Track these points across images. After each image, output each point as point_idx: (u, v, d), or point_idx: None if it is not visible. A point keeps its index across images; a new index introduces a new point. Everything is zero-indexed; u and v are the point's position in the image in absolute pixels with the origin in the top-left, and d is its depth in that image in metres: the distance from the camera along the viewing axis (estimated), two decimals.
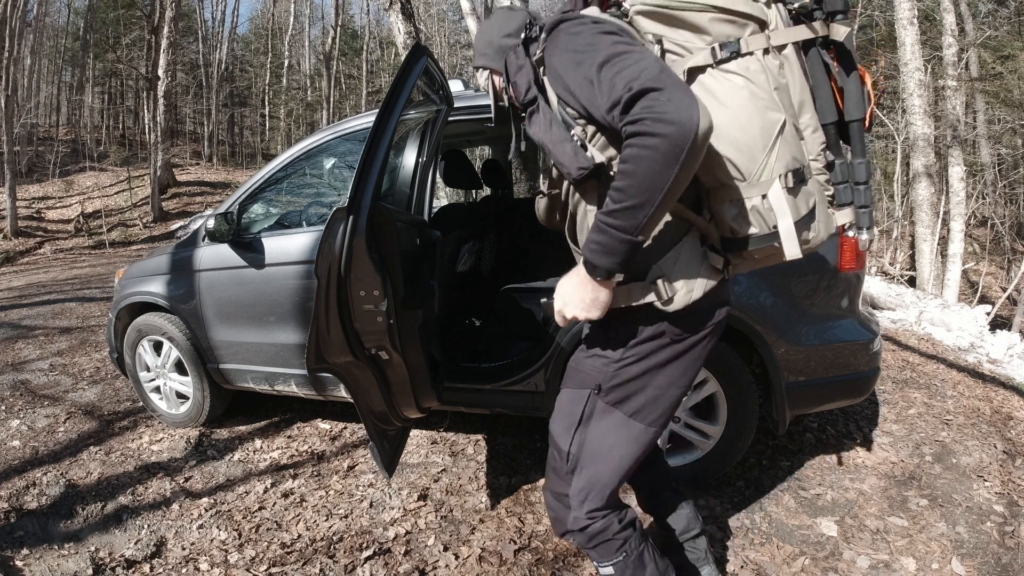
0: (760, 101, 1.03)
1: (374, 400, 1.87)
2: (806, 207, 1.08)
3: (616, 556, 1.28)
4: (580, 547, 1.33)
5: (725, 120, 1.03)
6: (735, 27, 1.05)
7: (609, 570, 1.29)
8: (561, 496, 1.32)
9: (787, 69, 1.08)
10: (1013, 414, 2.88)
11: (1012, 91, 10.35)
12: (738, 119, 1.03)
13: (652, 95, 0.91)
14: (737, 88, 1.04)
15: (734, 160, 1.04)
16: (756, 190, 1.05)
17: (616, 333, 1.20)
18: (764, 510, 2.10)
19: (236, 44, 31.61)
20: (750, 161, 1.04)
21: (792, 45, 1.09)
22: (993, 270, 12.80)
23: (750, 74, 1.04)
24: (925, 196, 8.02)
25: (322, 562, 1.90)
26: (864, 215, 1.17)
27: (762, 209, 1.06)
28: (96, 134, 23.79)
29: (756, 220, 1.07)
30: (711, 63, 1.04)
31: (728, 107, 1.03)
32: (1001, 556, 1.85)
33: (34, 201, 16.99)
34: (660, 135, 0.90)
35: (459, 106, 2.33)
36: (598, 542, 1.27)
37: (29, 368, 3.98)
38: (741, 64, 1.04)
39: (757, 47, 1.05)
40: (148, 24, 16.54)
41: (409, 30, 5.79)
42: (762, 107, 1.03)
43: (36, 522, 2.19)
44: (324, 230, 1.64)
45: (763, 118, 1.03)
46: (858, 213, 1.17)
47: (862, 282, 2.16)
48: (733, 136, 1.03)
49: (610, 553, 1.28)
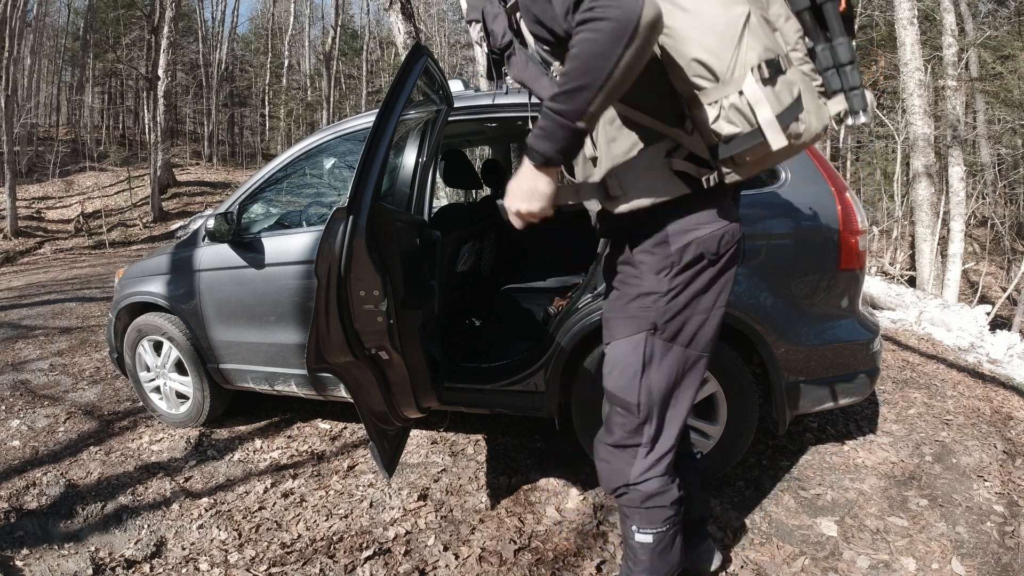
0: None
1: (374, 400, 1.87)
2: (789, 96, 1.05)
3: (661, 526, 1.29)
4: (627, 507, 1.32)
5: (687, 24, 1.04)
6: None
7: (647, 538, 1.29)
8: (624, 447, 1.30)
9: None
10: (1013, 414, 2.88)
11: (1012, 91, 10.35)
12: (700, 20, 1.04)
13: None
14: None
15: (704, 60, 1.04)
16: (731, 87, 1.05)
17: (652, 267, 1.22)
18: (764, 510, 2.10)
19: (236, 44, 31.63)
20: (718, 60, 1.04)
21: None
22: (993, 270, 12.80)
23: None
24: (925, 196, 8.02)
25: (322, 562, 1.90)
26: (856, 97, 1.14)
27: (740, 106, 1.05)
28: (96, 134, 23.79)
29: (737, 119, 1.06)
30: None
31: (688, 10, 1.04)
32: (1001, 556, 1.84)
33: (34, 201, 16.99)
34: (603, 19, 0.93)
35: (459, 106, 2.33)
36: (651, 505, 1.28)
37: (29, 368, 3.98)
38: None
39: None
40: (148, 24, 16.55)
41: (409, 30, 5.79)
42: (723, 3, 1.04)
43: (36, 522, 2.19)
44: (324, 230, 1.64)
45: (726, 13, 1.04)
46: (849, 97, 1.14)
47: (862, 282, 2.15)
48: (697, 37, 1.04)
49: (656, 521, 1.29)
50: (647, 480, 1.27)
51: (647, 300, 1.24)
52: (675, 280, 1.21)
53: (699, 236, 1.18)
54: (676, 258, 1.19)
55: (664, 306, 1.22)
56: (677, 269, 1.20)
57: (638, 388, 1.27)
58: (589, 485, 2.27)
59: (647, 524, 1.29)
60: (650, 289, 1.23)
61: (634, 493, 1.29)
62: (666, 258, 1.20)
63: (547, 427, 2.73)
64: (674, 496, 1.29)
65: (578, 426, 2.25)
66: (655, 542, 1.29)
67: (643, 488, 1.28)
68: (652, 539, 1.29)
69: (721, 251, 1.20)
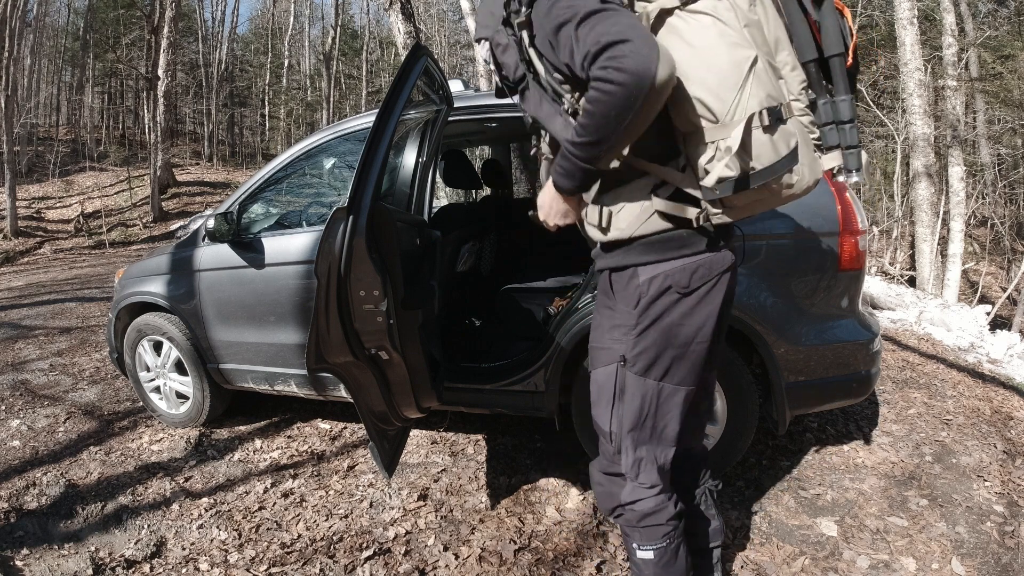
0: (728, 38, 1.03)
1: (374, 400, 1.87)
2: (786, 147, 1.04)
3: (660, 542, 1.29)
4: (625, 527, 1.32)
5: (693, 60, 1.03)
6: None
7: (648, 555, 1.29)
8: (612, 475, 1.33)
9: (759, 6, 1.10)
10: (1013, 414, 2.88)
11: (1012, 91, 10.35)
12: (706, 58, 1.03)
13: (618, 47, 0.96)
14: (704, 27, 1.04)
15: (704, 100, 1.04)
16: (729, 130, 1.03)
17: (624, 300, 1.22)
18: (764, 510, 2.10)
19: (236, 44, 31.62)
20: (719, 101, 1.03)
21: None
22: (993, 270, 12.79)
23: (718, 12, 1.04)
24: (925, 196, 8.02)
25: (322, 562, 1.90)
26: (852, 156, 1.15)
27: (736, 150, 1.03)
28: (96, 134, 23.78)
29: (732, 163, 1.03)
30: (678, 5, 1.05)
31: (695, 47, 1.04)
32: (1001, 556, 1.84)
33: (34, 201, 16.99)
34: (617, 83, 0.96)
35: (459, 106, 2.33)
36: (648, 523, 1.28)
37: (29, 368, 3.98)
38: (708, 3, 1.04)
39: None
40: (148, 24, 16.54)
41: (409, 30, 5.79)
42: (731, 44, 1.03)
43: (36, 522, 2.19)
44: (324, 230, 1.64)
45: (732, 55, 1.03)
46: (845, 155, 1.15)
47: (862, 282, 2.15)
48: (701, 76, 1.03)
49: (654, 538, 1.28)
50: (639, 500, 1.27)
51: (617, 332, 1.25)
52: (644, 314, 1.20)
53: (667, 269, 1.17)
54: (644, 289, 1.19)
55: (633, 339, 1.22)
56: (645, 302, 1.19)
57: (610, 417, 1.29)
58: (589, 485, 2.27)
59: (646, 541, 1.29)
60: (621, 322, 1.24)
61: (630, 513, 1.29)
62: (635, 290, 1.20)
63: (547, 427, 2.73)
64: (670, 513, 1.29)
65: (578, 426, 2.25)
66: (657, 557, 1.29)
67: (637, 508, 1.28)
68: (654, 555, 1.29)
69: (693, 284, 1.17)
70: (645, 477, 1.27)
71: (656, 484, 1.28)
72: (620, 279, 1.24)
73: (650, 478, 1.27)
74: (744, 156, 1.03)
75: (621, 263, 1.22)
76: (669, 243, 1.17)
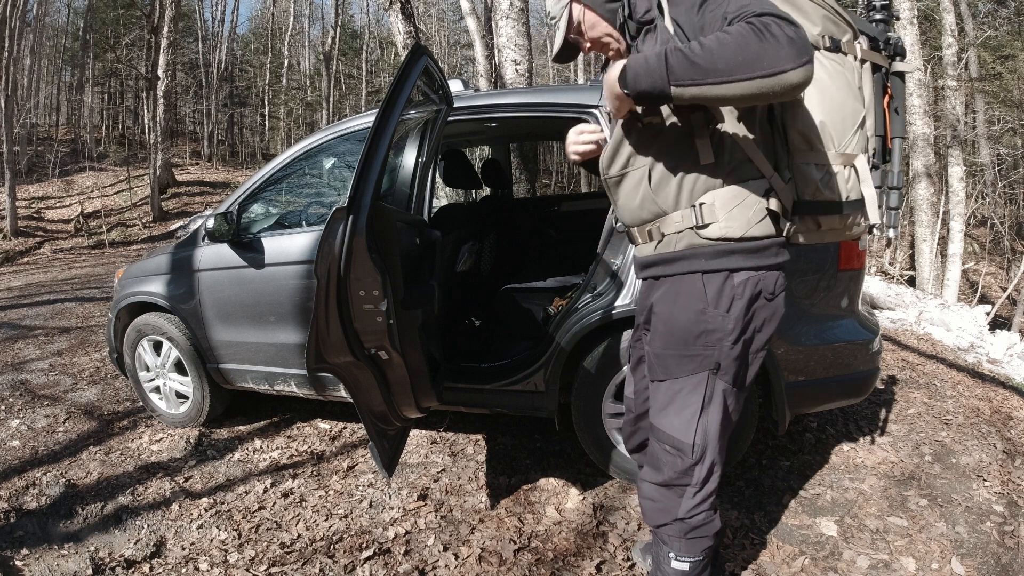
0: (851, 90, 1.20)
1: (374, 400, 1.87)
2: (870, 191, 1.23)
3: (699, 555, 1.30)
4: (670, 537, 1.31)
5: (825, 94, 1.17)
6: (838, 29, 1.21)
7: (684, 566, 1.30)
8: (673, 486, 1.29)
9: (863, 78, 1.25)
10: (1013, 414, 2.88)
11: (1012, 91, 10.35)
12: (835, 97, 1.18)
13: (791, 24, 0.96)
14: (837, 72, 1.19)
15: (828, 126, 1.17)
16: (842, 160, 1.19)
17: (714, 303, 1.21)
18: (764, 510, 2.10)
19: (236, 44, 31.60)
20: (840, 133, 1.18)
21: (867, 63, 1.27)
22: (993, 270, 12.79)
23: (844, 67, 1.20)
24: (925, 196, 8.02)
25: (322, 562, 1.90)
26: (893, 215, 1.38)
27: (844, 177, 1.19)
28: (96, 134, 23.75)
29: (836, 187, 1.19)
30: (819, 47, 1.17)
31: (828, 86, 1.17)
32: (1001, 556, 1.85)
33: (34, 201, 16.97)
34: (773, 35, 0.94)
35: (459, 106, 2.33)
36: (695, 536, 1.29)
37: (29, 368, 3.98)
38: (838, 57, 1.20)
39: (850, 51, 1.22)
40: (148, 24, 16.50)
41: (409, 30, 5.79)
42: (852, 95, 1.20)
43: (36, 522, 2.19)
44: (324, 230, 1.64)
45: (853, 104, 1.20)
46: (887, 214, 1.36)
47: (862, 282, 2.15)
48: (828, 109, 1.17)
49: (696, 551, 1.29)
50: (697, 515, 1.28)
51: (710, 339, 1.21)
52: (741, 319, 1.21)
53: (758, 275, 1.21)
54: (739, 291, 1.20)
55: (729, 347, 1.22)
56: (741, 305, 1.20)
57: (695, 429, 1.25)
58: (589, 485, 2.27)
59: (686, 553, 1.29)
60: (713, 327, 1.21)
61: (680, 526, 1.29)
62: (729, 292, 1.20)
63: (547, 427, 2.73)
64: (716, 527, 1.30)
65: (578, 426, 2.25)
66: (691, 569, 1.29)
67: (692, 521, 1.28)
68: (688, 567, 1.29)
69: (776, 291, 1.25)
70: (712, 485, 1.29)
71: (713, 494, 1.30)
72: (713, 281, 1.20)
73: (715, 485, 1.29)
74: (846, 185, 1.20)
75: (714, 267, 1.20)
76: (767, 250, 1.21)
